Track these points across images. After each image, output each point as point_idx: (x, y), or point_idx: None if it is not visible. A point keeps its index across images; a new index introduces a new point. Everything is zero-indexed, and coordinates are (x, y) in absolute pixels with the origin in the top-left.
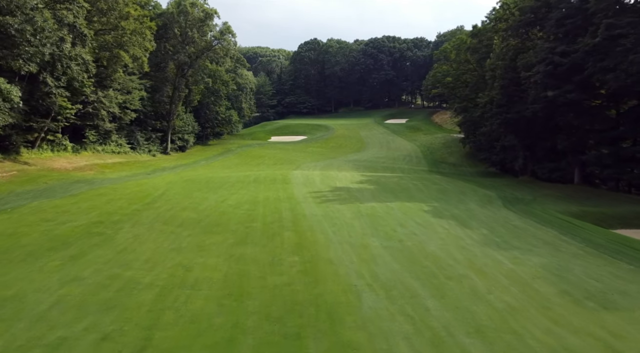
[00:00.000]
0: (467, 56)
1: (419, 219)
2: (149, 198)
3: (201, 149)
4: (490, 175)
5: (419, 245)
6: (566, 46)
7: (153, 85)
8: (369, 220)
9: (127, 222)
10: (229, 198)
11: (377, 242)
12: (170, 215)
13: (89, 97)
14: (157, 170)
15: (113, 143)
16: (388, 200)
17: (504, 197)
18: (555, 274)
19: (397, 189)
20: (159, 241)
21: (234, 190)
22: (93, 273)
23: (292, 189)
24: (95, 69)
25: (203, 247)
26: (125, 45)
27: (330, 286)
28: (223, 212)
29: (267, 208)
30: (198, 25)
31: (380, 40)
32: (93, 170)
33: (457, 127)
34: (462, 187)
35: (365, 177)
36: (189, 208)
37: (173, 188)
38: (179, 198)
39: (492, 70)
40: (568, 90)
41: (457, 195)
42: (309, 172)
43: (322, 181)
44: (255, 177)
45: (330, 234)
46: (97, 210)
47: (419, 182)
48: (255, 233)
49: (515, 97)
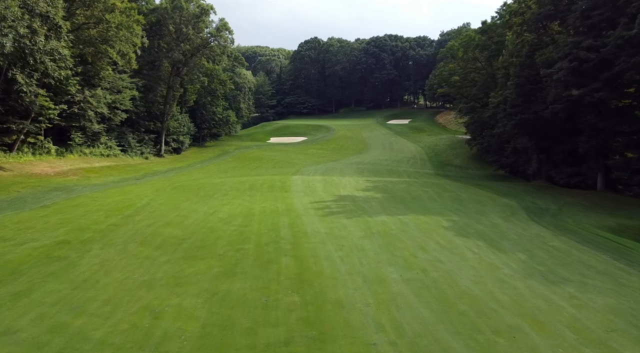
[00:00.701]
0: (476, 54)
1: (441, 239)
2: (130, 209)
3: (197, 150)
4: (500, 178)
5: (448, 277)
6: (593, 40)
7: (146, 84)
8: (381, 240)
9: (97, 242)
10: (220, 210)
11: (396, 273)
12: (150, 232)
13: (74, 97)
14: (147, 174)
15: (102, 145)
16: (399, 212)
17: (526, 207)
18: (634, 325)
19: (408, 198)
20: (129, 270)
21: (227, 200)
22: (32, 322)
23: (291, 199)
24: (81, 66)
25: (181, 278)
26: (111, 41)
27: (341, 346)
28: (212, 228)
29: (262, 223)
30: (193, 21)
31: (382, 39)
32: (77, 175)
33: (461, 128)
34: (477, 194)
35: (370, 183)
36: (173, 224)
37: (159, 197)
38: (164, 209)
39: (505, 68)
40: (595, 88)
41: (475, 205)
42: (310, 177)
43: (325, 188)
44: (251, 183)
45: (337, 261)
46: (67, 225)
47: (429, 188)
48: (246, 260)
49: (532, 97)
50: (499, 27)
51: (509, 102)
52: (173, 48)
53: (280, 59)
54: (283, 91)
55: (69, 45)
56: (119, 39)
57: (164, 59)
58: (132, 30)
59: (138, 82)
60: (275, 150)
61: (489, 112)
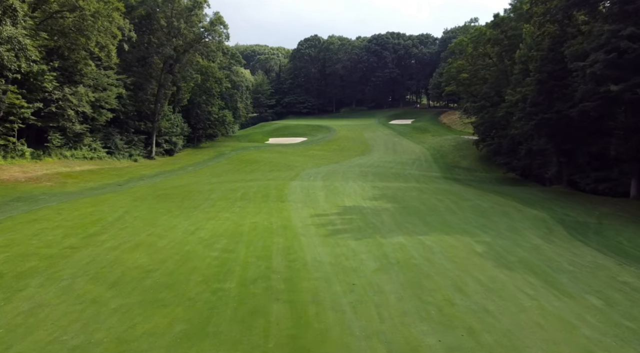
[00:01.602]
0: (487, 49)
1: (480, 274)
2: (97, 225)
3: (191, 152)
4: (513, 182)
5: (509, 344)
6: (636, 28)
7: (135, 82)
8: (403, 275)
9: (39, 275)
10: (203, 227)
11: (432, 336)
12: (110, 259)
13: (52, 94)
14: (132, 179)
15: (85, 147)
16: (418, 229)
17: (560, 220)
18: None
19: (423, 210)
20: (61, 325)
21: (214, 213)
22: None
23: (288, 211)
24: (59, 61)
25: (127, 343)
26: (87, 31)
27: None
28: (188, 254)
29: (251, 247)
30: (185, 15)
31: (384, 37)
32: (52, 181)
33: (467, 128)
34: (498, 203)
35: (377, 190)
36: (142, 246)
37: (136, 209)
38: (138, 226)
39: (523, 62)
40: (637, 83)
41: (501, 218)
42: (310, 182)
43: (327, 197)
44: (244, 191)
45: (347, 312)
46: (9, 249)
47: (443, 196)
48: (224, 309)
49: (555, 94)
50: (512, 20)
51: (528, 100)
52: (164, 43)
53: (279, 58)
54: (282, 90)
55: (32, 33)
56: (96, 29)
57: (155, 55)
58: (112, 19)
59: (126, 79)
60: (274, 151)
61: (501, 111)
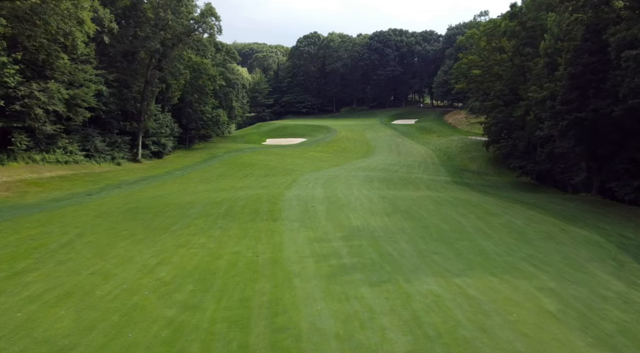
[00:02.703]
0: (503, 43)
1: None
2: (32, 256)
3: (182, 154)
4: (530, 187)
5: None
6: None
7: (119, 78)
8: None
9: None
10: (167, 261)
11: None
12: (15, 323)
13: (16, 90)
14: (108, 187)
15: (59, 150)
16: (449, 264)
17: (621, 244)
18: None
19: (447, 230)
20: None
21: (187, 237)
22: None
23: (280, 235)
24: (22, 52)
25: None
26: (45, 14)
27: None
28: (132, 313)
29: (223, 301)
30: (173, 4)
31: (386, 34)
32: (10, 190)
33: (474, 129)
34: (532, 218)
35: (387, 202)
36: (74, 296)
37: (93, 230)
38: (84, 257)
39: (549, 55)
40: None
41: (547, 242)
42: (309, 191)
43: (329, 213)
44: (230, 204)
45: None
46: None
47: (465, 210)
48: None
49: (591, 89)
50: (531, 10)
51: (558, 98)
52: (150, 36)
53: (278, 56)
54: (281, 89)
55: None
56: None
57: (141, 49)
58: (77, 2)
59: (108, 75)
60: (270, 153)
61: (519, 110)
